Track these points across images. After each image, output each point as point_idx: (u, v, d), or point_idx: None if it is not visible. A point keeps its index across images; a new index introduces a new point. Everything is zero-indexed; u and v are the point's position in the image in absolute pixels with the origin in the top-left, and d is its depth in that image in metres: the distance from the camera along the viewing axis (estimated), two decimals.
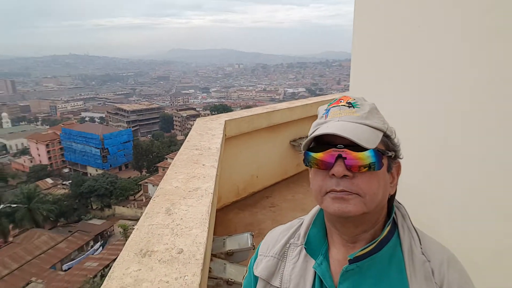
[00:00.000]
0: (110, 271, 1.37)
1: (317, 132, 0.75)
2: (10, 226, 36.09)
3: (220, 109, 79.42)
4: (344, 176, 0.72)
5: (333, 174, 0.73)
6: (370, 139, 0.73)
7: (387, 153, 0.77)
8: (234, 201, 4.66)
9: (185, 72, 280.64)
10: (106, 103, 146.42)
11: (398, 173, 0.83)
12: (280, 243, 0.91)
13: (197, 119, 4.38)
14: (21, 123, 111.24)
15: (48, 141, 68.20)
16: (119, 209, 40.99)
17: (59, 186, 54.76)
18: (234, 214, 4.41)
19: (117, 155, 63.75)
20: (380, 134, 0.76)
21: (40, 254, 28.84)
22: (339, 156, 0.72)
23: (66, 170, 67.65)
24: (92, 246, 33.19)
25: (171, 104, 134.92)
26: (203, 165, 2.65)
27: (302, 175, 5.47)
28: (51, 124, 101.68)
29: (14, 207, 36.33)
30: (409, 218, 0.84)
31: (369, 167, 0.72)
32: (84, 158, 64.79)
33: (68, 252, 30.37)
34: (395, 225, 0.82)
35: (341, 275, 0.78)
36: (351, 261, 0.77)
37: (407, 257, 0.77)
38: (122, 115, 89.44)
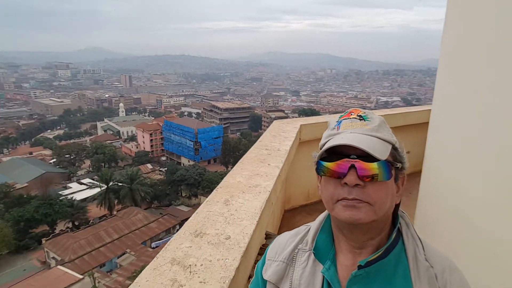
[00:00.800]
0: (167, 244, 1.61)
1: (333, 143, 0.79)
2: (115, 202, 41.75)
3: (308, 113, 79.23)
4: (356, 185, 0.76)
5: (345, 183, 0.77)
6: (382, 151, 0.77)
7: (396, 164, 0.81)
8: (303, 205, 4.70)
9: (277, 75, 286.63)
10: (203, 100, 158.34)
11: (403, 184, 0.87)
12: (288, 249, 0.94)
13: (274, 121, 4.55)
14: (132, 113, 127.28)
15: (152, 131, 76.86)
16: (204, 200, 43.95)
17: (156, 171, 61.27)
18: (302, 217, 4.46)
19: (208, 149, 68.60)
20: (390, 146, 0.81)
21: (135, 229, 32.70)
22: (352, 166, 0.76)
23: (163, 158, 75.33)
24: (177, 230, 36.31)
25: (261, 105, 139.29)
26: (268, 164, 2.78)
27: None
28: (156, 116, 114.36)
29: (120, 185, 41.88)
30: (413, 227, 0.88)
31: (380, 177, 0.76)
32: (180, 149, 71.27)
33: (158, 232, 33.77)
34: (399, 233, 0.86)
35: (349, 280, 0.81)
36: (360, 267, 0.80)
37: (412, 263, 0.81)
38: (216, 112, 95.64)
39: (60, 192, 46.63)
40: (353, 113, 0.86)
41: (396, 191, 0.84)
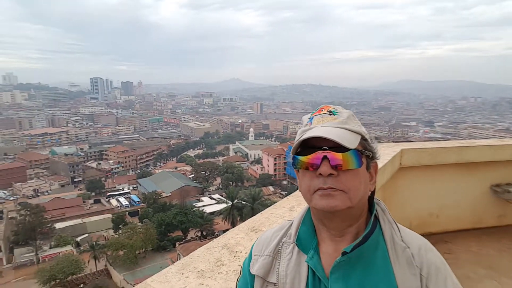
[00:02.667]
0: (225, 233, 1.86)
1: (304, 136, 0.85)
2: (238, 218, 44.90)
3: None
4: (330, 174, 0.81)
5: (320, 174, 0.82)
6: (350, 140, 0.82)
7: (366, 153, 0.86)
8: None
9: (409, 104, 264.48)
10: None
11: (376, 172, 0.93)
12: (273, 243, 0.99)
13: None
14: (261, 138, 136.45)
15: (276, 155, 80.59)
16: None
17: (277, 194, 63.43)
18: None
19: None
20: (359, 137, 0.86)
21: None
22: (325, 157, 0.81)
23: (285, 182, 77.59)
24: None
25: (389, 135, 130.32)
26: None
27: (505, 230, 4.38)
28: (281, 141, 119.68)
29: (243, 203, 44.95)
30: (388, 212, 0.94)
31: (350, 165, 0.82)
32: None
33: None
34: (376, 219, 0.91)
35: (333, 266, 0.86)
36: (344, 253, 0.85)
37: (390, 245, 0.87)
38: None
39: (194, 204, 53.06)
40: (323, 109, 0.91)
41: (369, 179, 0.90)
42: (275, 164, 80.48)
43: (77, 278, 34.53)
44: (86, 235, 46.79)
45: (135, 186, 75.64)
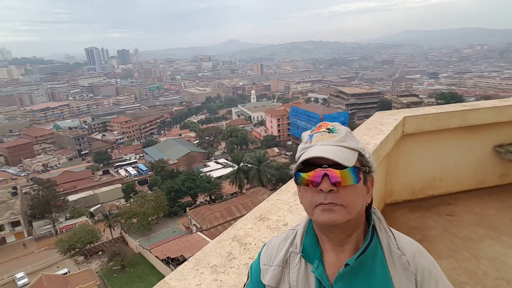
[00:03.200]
0: (234, 223, 1.94)
1: (305, 156, 0.91)
2: (245, 181, 45.79)
3: (448, 97, 69.38)
4: (330, 190, 0.88)
5: (320, 190, 0.88)
6: (349, 158, 0.89)
7: (363, 168, 0.93)
8: (406, 200, 4.45)
9: (412, 56, 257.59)
10: (330, 85, 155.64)
11: (372, 185, 1.00)
12: (281, 253, 1.05)
13: (376, 113, 4.40)
14: (262, 99, 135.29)
15: (280, 116, 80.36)
16: None
17: (282, 155, 64.06)
18: (403, 212, 4.25)
19: None
20: (356, 154, 0.92)
21: None
22: (325, 175, 0.88)
23: (289, 142, 78.03)
24: None
25: (392, 90, 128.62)
26: None
27: (506, 188, 4.48)
28: (283, 102, 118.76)
29: (249, 166, 45.60)
30: (384, 221, 1.02)
31: (349, 181, 0.88)
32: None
33: None
34: (373, 228, 0.99)
35: (336, 277, 0.94)
36: (346, 265, 0.93)
37: (387, 253, 0.95)
38: (342, 97, 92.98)
39: (200, 169, 53.94)
40: (322, 127, 0.98)
41: (366, 192, 0.96)
42: (278, 125, 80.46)
43: (95, 246, 36.17)
44: (99, 205, 48.25)
45: (141, 155, 76.63)
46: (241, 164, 45.55)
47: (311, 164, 0.90)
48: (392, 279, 0.92)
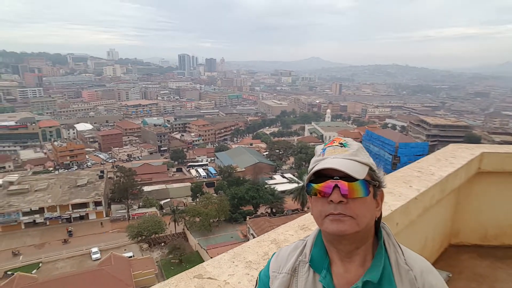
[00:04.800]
0: (277, 228, 2.02)
1: (318, 167, 0.96)
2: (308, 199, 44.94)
3: None
4: (340, 202, 0.92)
5: (331, 201, 0.93)
6: (359, 172, 0.93)
7: (373, 182, 0.97)
8: (476, 244, 4.02)
9: None
10: (412, 113, 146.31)
11: (382, 199, 1.04)
12: (291, 261, 1.09)
13: (450, 144, 4.10)
14: (337, 119, 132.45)
15: (353, 139, 77.47)
16: None
17: None
18: (470, 257, 3.85)
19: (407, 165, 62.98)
20: (367, 168, 0.96)
21: None
22: (336, 186, 0.92)
23: None
24: None
25: (484, 125, 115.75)
26: (410, 186, 2.71)
27: None
28: (358, 125, 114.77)
29: None
30: (393, 236, 1.05)
31: (359, 193, 0.92)
32: (377, 160, 64.81)
33: None
34: (383, 242, 1.02)
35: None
36: (366, 282, 0.96)
37: (395, 268, 0.98)
38: (423, 127, 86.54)
39: (266, 181, 54.56)
40: (335, 141, 1.03)
41: (376, 206, 1.00)
42: None
43: (159, 237, 38.74)
44: (168, 199, 51.69)
45: (212, 158, 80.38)
46: (301, 184, 44.83)
47: (323, 175, 0.95)
48: None
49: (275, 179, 60.10)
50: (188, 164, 75.92)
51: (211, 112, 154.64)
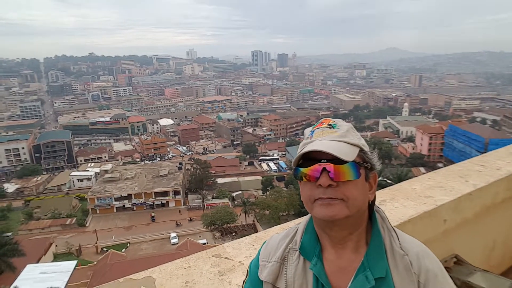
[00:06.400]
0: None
1: (304, 150, 0.91)
2: None
3: None
4: (329, 185, 0.87)
5: (319, 185, 0.88)
6: (348, 153, 0.88)
7: (364, 164, 0.92)
8: None
9: None
10: (507, 105, 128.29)
11: (375, 182, 0.98)
12: (280, 249, 1.04)
13: None
14: (416, 114, 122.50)
15: (433, 134, 71.29)
16: None
17: None
18: None
19: None
20: (357, 149, 0.91)
21: None
22: (324, 169, 0.87)
23: (440, 164, 68.30)
24: None
25: None
26: (466, 181, 2.44)
27: None
28: (441, 119, 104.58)
29: (388, 182, 42.26)
30: (388, 220, 1.00)
31: (348, 176, 0.87)
32: (462, 157, 61.60)
33: None
34: (377, 227, 0.97)
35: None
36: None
37: (389, 253, 0.93)
38: None
39: None
40: (324, 123, 0.98)
41: (369, 189, 0.95)
42: (430, 143, 71.37)
43: (230, 227, 40.41)
44: (240, 192, 53.54)
45: (283, 153, 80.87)
46: (380, 178, 42.37)
47: (311, 159, 0.90)
48: (393, 279, 0.90)
49: None
50: (260, 158, 77.51)
51: (282, 107, 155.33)
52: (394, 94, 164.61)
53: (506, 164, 2.75)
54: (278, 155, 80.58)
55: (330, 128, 0.95)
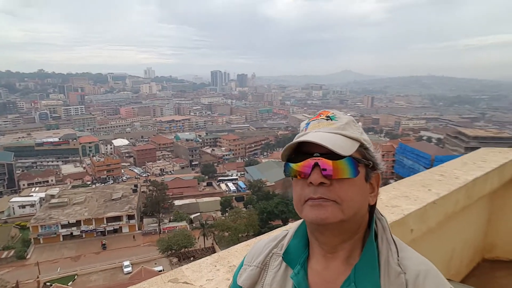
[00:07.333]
0: (270, 232, 1.86)
1: (295, 141, 0.79)
2: None
3: None
4: (322, 183, 0.74)
5: (310, 182, 0.75)
6: (345, 147, 0.75)
7: (364, 162, 0.78)
8: None
9: None
10: (448, 125, 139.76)
11: (378, 184, 0.84)
12: (264, 253, 0.92)
13: (481, 148, 3.73)
14: (369, 133, 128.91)
15: (385, 152, 75.29)
16: None
17: None
18: (506, 274, 3.42)
19: None
20: (356, 144, 0.78)
21: None
22: (316, 164, 0.75)
23: (392, 180, 71.54)
24: None
25: None
26: (429, 190, 2.43)
27: None
28: (391, 138, 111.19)
29: None
30: (390, 231, 0.84)
31: (344, 173, 0.74)
32: (411, 173, 63.97)
33: None
34: (376, 237, 0.82)
35: None
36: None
37: (383, 269, 0.77)
38: (461, 139, 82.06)
39: None
40: (322, 115, 0.85)
41: (370, 191, 0.81)
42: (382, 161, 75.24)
43: (188, 251, 38.95)
44: (198, 214, 52.13)
45: (242, 173, 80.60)
46: None
47: (304, 153, 0.78)
48: None
49: None
50: (218, 179, 76.55)
51: (241, 127, 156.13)
52: (349, 114, 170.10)
53: (463, 173, 2.81)
54: (237, 175, 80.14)
55: (327, 119, 0.82)
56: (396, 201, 2.24)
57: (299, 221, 0.93)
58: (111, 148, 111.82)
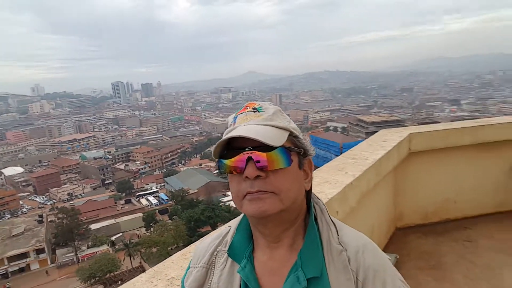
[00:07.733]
0: (203, 238, 1.81)
1: (224, 137, 0.78)
2: None
3: None
4: (258, 176, 0.74)
5: (246, 177, 0.75)
6: (276, 138, 0.75)
7: (295, 150, 0.79)
8: (419, 224, 4.14)
9: (433, 83, 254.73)
10: (349, 114, 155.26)
11: (311, 169, 0.86)
12: (209, 253, 0.91)
13: (380, 130, 4.22)
14: None
15: None
16: None
17: None
18: (415, 237, 3.94)
19: None
20: (286, 133, 0.78)
21: None
22: (249, 158, 0.74)
23: None
24: None
25: (412, 117, 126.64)
26: (346, 173, 2.66)
27: None
28: (303, 131, 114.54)
29: None
30: (327, 212, 0.87)
31: (277, 164, 0.75)
32: (324, 162, 70.61)
33: None
34: (315, 220, 0.84)
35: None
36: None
37: (326, 249, 0.79)
38: (361, 126, 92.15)
39: (220, 199, 53.70)
40: (248, 107, 0.84)
41: (304, 177, 0.83)
42: None
43: (114, 276, 35.98)
44: (120, 234, 48.50)
45: (162, 184, 77.39)
46: None
47: (235, 148, 0.77)
48: (329, 278, 0.77)
49: (229, 195, 59.37)
50: (137, 194, 72.24)
51: (154, 138, 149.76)
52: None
53: (370, 154, 3.13)
54: (157, 188, 76.63)
55: (254, 111, 0.81)
56: (320, 187, 2.38)
57: (241, 216, 0.91)
58: (1, 179, 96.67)
